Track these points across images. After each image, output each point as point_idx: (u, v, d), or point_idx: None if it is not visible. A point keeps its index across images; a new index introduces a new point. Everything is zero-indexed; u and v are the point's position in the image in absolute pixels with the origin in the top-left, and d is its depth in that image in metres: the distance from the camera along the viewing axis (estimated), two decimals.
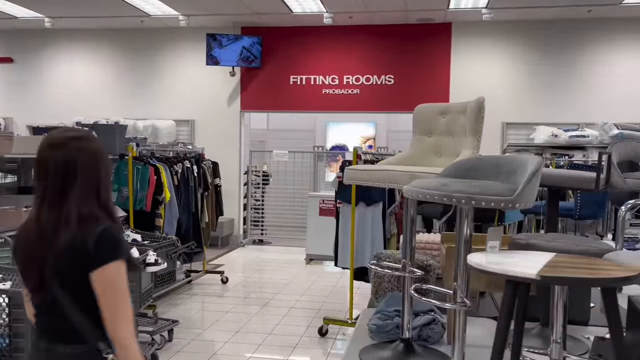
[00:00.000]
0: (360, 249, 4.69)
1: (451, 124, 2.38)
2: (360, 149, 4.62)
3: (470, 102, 2.25)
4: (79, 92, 9.53)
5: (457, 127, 2.32)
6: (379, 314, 2.57)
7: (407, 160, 2.43)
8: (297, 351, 4.31)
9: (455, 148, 2.33)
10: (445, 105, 2.43)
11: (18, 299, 2.73)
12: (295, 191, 9.46)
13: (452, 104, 2.41)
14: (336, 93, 8.97)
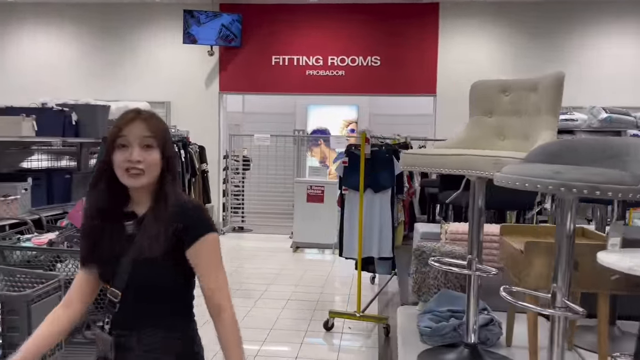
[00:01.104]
0: (367, 238, 4.44)
1: (517, 103, 2.13)
2: (369, 132, 4.33)
3: (545, 77, 2.00)
4: (45, 71, 8.87)
5: (527, 106, 2.08)
6: (430, 315, 2.32)
7: (466, 143, 2.17)
8: (306, 348, 4.04)
9: (523, 129, 2.08)
10: (508, 81, 2.17)
11: (13, 304, 2.35)
12: (278, 177, 9.12)
13: (517, 80, 2.16)
14: (320, 74, 8.65)
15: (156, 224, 1.51)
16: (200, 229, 1.53)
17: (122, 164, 1.49)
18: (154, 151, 1.52)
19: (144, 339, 1.52)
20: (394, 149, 4.53)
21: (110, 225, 1.56)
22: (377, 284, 5.94)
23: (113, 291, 1.52)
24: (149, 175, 1.52)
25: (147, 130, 1.51)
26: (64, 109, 4.37)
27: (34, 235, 3.50)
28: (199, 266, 1.53)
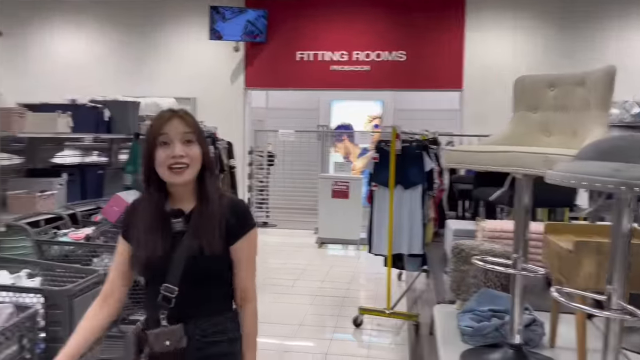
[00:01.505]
0: (397, 234, 4.40)
1: (564, 98, 2.07)
2: (399, 128, 4.29)
3: (594, 72, 1.94)
4: (72, 68, 9.00)
5: (574, 101, 2.02)
6: (471, 314, 2.28)
7: (511, 139, 2.12)
8: (335, 344, 4.04)
9: (570, 125, 2.03)
10: (555, 76, 2.11)
11: (56, 298, 2.38)
12: (302, 172, 9.12)
13: (564, 75, 2.10)
14: (345, 70, 8.61)
15: (210, 220, 1.56)
16: (248, 225, 1.64)
17: (166, 160, 1.53)
18: (195, 145, 1.57)
19: (200, 326, 1.58)
20: (424, 145, 4.48)
21: (157, 223, 1.59)
22: (404, 280, 5.91)
23: (168, 287, 1.55)
24: (192, 169, 1.56)
25: (187, 126, 1.56)
26: (97, 105, 4.42)
27: (71, 230, 3.56)
28: (240, 258, 1.62)
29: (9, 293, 2.43)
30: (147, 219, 1.59)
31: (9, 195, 3.77)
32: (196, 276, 1.57)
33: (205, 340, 1.59)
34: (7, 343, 1.94)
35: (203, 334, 1.58)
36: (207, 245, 1.54)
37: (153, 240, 1.56)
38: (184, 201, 1.62)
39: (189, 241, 1.55)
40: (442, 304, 2.83)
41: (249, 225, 1.63)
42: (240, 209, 1.64)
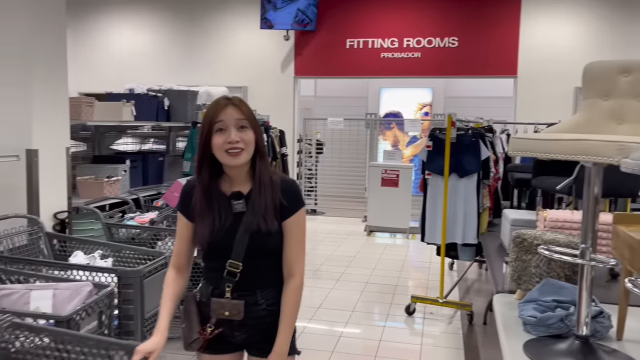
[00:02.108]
0: (451, 223, 4.37)
1: (637, 84, 2.00)
2: (454, 115, 4.24)
3: None
4: (128, 58, 9.30)
5: None
6: (534, 304, 2.26)
7: (580, 127, 2.07)
8: (388, 331, 4.07)
9: None
10: (627, 62, 2.04)
11: (129, 278, 2.51)
12: (350, 160, 9.14)
13: (638, 60, 2.02)
14: (395, 57, 8.53)
15: (266, 200, 1.68)
16: (299, 203, 1.74)
17: (222, 145, 1.64)
18: (249, 131, 1.67)
19: (265, 296, 1.71)
20: (480, 133, 4.41)
21: (218, 205, 1.70)
22: (456, 270, 5.86)
23: (232, 263, 1.68)
24: (248, 152, 1.67)
25: (241, 114, 1.66)
26: (157, 94, 4.57)
27: (137, 214, 3.72)
28: (290, 235, 1.72)
29: (86, 272, 2.58)
30: (207, 199, 1.70)
31: (79, 181, 3.97)
32: (257, 251, 1.69)
33: (269, 309, 1.72)
34: (89, 319, 2.07)
35: (267, 303, 1.72)
36: (265, 224, 1.66)
37: (215, 219, 1.68)
38: (240, 183, 1.72)
39: (249, 220, 1.67)
40: (501, 293, 2.81)
41: (299, 204, 1.73)
42: (291, 188, 1.73)
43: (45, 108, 3.51)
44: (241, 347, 1.81)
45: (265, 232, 1.67)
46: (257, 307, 1.70)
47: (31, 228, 3.12)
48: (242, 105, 1.69)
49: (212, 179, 1.70)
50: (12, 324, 1.70)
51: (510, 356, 2.04)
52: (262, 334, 1.73)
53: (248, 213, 1.68)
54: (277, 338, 1.68)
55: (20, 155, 3.31)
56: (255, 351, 1.77)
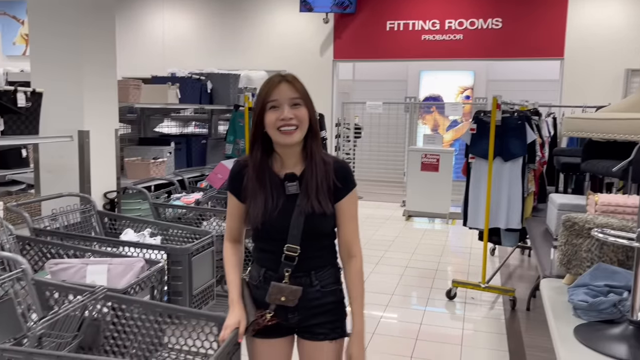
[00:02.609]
0: (494, 208, 4.30)
1: None
2: (500, 98, 4.14)
3: None
4: (171, 43, 9.44)
5: None
6: (585, 289, 2.21)
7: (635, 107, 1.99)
8: (429, 315, 4.06)
9: None
10: None
11: (178, 256, 2.58)
12: (389, 145, 9.07)
13: None
14: (436, 39, 8.37)
15: (320, 181, 1.65)
16: (351, 184, 1.72)
17: (275, 122, 1.61)
18: (302, 108, 1.64)
19: (319, 277, 1.71)
20: (526, 116, 4.30)
21: (270, 186, 1.68)
22: (498, 256, 5.78)
23: (290, 247, 1.65)
24: (301, 131, 1.64)
25: (295, 91, 1.64)
26: (200, 77, 4.64)
27: (182, 194, 3.81)
28: (343, 215, 1.71)
29: (137, 249, 2.66)
30: (260, 179, 1.67)
31: (126, 162, 4.09)
32: (312, 234, 1.67)
33: (325, 290, 1.72)
34: (142, 293, 2.15)
35: (321, 285, 1.71)
36: (319, 206, 1.64)
37: (267, 200, 1.65)
38: (292, 163, 1.69)
39: (303, 203, 1.64)
40: (548, 278, 2.76)
41: (351, 184, 1.71)
42: (344, 169, 1.71)
43: (96, 90, 3.62)
44: (292, 330, 1.78)
45: (320, 215, 1.64)
46: (312, 288, 1.69)
47: (84, 206, 3.24)
48: (295, 82, 1.66)
49: (264, 158, 1.68)
50: (106, 295, 1.77)
51: (560, 341, 2.00)
52: (315, 318, 1.72)
53: (302, 195, 1.65)
54: (354, 319, 1.69)
55: (73, 137, 3.43)
56: (308, 335, 1.75)
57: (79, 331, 1.78)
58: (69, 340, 1.75)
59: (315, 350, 1.74)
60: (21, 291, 1.89)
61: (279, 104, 1.61)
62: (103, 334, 1.79)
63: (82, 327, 1.78)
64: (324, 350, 1.74)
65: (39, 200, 3.30)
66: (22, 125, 3.06)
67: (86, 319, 1.77)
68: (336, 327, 1.75)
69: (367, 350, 3.40)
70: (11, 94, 2.98)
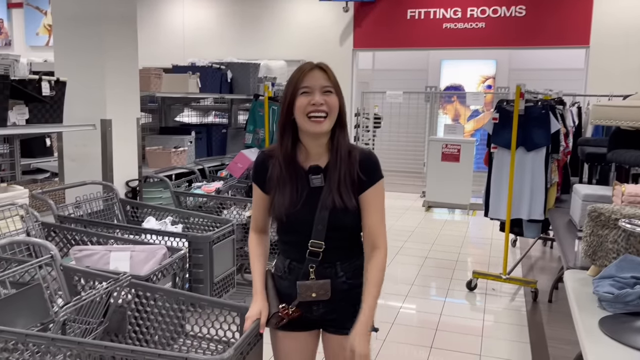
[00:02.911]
0: (517, 199, 4.24)
1: None
2: (524, 86, 4.06)
3: None
4: (191, 32, 9.47)
5: None
6: (611, 281, 2.17)
7: None
8: (449, 306, 4.03)
9: None
10: None
11: (199, 244, 2.60)
12: (409, 135, 8.99)
13: None
14: (458, 27, 8.24)
15: (343, 175, 1.62)
16: (377, 175, 1.67)
17: (305, 107, 1.58)
18: (333, 95, 1.61)
19: (344, 268, 1.68)
20: (550, 105, 4.21)
21: (296, 177, 1.65)
22: (519, 247, 5.71)
23: (315, 242, 1.63)
24: (330, 120, 1.60)
25: (327, 79, 1.62)
26: (220, 67, 4.64)
27: (203, 183, 3.83)
28: (368, 207, 1.66)
29: (159, 237, 2.69)
30: (284, 172, 1.64)
31: (147, 151, 4.13)
32: (337, 228, 1.64)
33: (349, 282, 1.69)
34: (164, 280, 2.17)
35: (346, 276, 1.68)
36: (341, 201, 1.60)
37: (292, 192, 1.63)
38: (317, 155, 1.66)
39: (325, 197, 1.61)
40: (572, 269, 2.71)
41: (377, 176, 1.66)
42: (370, 161, 1.67)
43: (118, 79, 3.65)
44: (317, 325, 1.76)
45: (341, 209, 1.61)
46: (338, 279, 1.66)
47: (106, 194, 3.28)
48: (328, 70, 1.64)
49: (292, 147, 1.65)
50: (131, 283, 1.80)
51: (585, 332, 1.97)
52: (340, 310, 1.69)
53: (325, 189, 1.62)
54: (363, 307, 1.62)
55: (96, 125, 3.46)
56: (333, 328, 1.72)
57: (105, 317, 1.81)
58: (94, 327, 1.78)
59: (341, 344, 1.67)
60: (47, 277, 1.92)
61: (310, 90, 1.59)
62: (128, 320, 1.81)
63: (108, 314, 1.81)
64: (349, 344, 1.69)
65: (63, 188, 3.35)
66: (47, 114, 3.10)
67: (111, 305, 1.80)
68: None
69: (386, 340, 3.40)
70: (36, 83, 3.02)
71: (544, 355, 3.27)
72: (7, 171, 3.72)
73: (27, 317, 1.76)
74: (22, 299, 1.74)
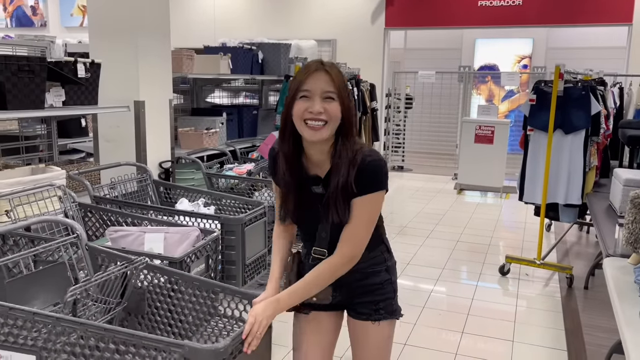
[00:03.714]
0: (553, 182, 4.12)
1: None
2: (563, 66, 3.92)
3: None
4: (221, 12, 9.45)
5: None
6: None
7: None
8: (481, 291, 3.98)
9: None
10: None
11: (232, 225, 2.62)
12: (441, 116, 8.84)
13: None
14: (494, 5, 7.99)
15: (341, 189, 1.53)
16: (373, 186, 1.55)
17: (303, 113, 1.49)
18: (335, 103, 1.50)
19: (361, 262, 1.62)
20: (591, 86, 4.06)
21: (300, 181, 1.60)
22: (553, 232, 5.59)
23: (317, 250, 1.63)
24: (330, 128, 1.51)
25: (330, 84, 1.50)
26: (252, 47, 4.62)
27: (235, 165, 3.85)
28: (354, 214, 1.55)
29: (192, 218, 2.72)
30: (287, 176, 1.60)
31: (180, 132, 4.16)
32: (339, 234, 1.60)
33: (367, 272, 1.68)
34: (197, 262, 2.19)
35: (364, 267, 1.66)
36: (337, 216, 1.55)
37: (297, 196, 1.61)
38: (319, 161, 1.58)
39: (326, 211, 1.56)
40: (612, 257, 2.63)
41: (373, 187, 1.55)
42: (367, 173, 1.53)
43: (151, 61, 3.67)
44: (341, 306, 1.76)
45: (338, 224, 1.57)
46: (353, 271, 1.63)
47: (140, 175, 3.33)
48: (333, 72, 1.51)
49: (294, 151, 1.57)
50: (147, 265, 1.83)
51: (625, 322, 1.91)
52: (357, 297, 1.70)
53: (325, 200, 1.56)
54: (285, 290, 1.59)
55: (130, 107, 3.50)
56: (353, 313, 1.73)
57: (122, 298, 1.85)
58: (112, 307, 1.83)
59: (361, 329, 1.71)
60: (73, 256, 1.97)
61: (310, 94, 1.48)
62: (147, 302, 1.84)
63: (125, 294, 1.85)
64: (369, 332, 1.71)
65: (99, 169, 3.41)
66: (82, 95, 3.15)
67: (128, 286, 1.83)
68: (379, 308, 1.69)
69: (417, 324, 3.38)
70: (72, 65, 3.06)
71: (579, 342, 3.20)
72: (45, 152, 3.81)
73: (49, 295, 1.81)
74: (46, 276, 1.79)
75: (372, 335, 1.71)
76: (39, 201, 2.45)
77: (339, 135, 1.53)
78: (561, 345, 3.17)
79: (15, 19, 11.08)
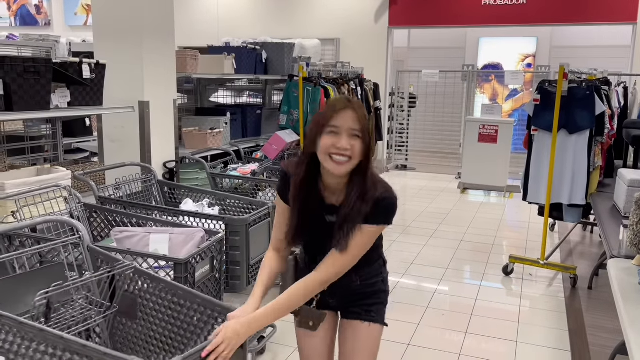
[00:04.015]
0: (557, 182, 4.12)
1: None
2: (567, 66, 3.91)
3: None
4: (225, 11, 9.46)
5: None
6: None
7: None
8: (484, 291, 3.99)
9: None
10: None
11: (236, 226, 2.63)
12: (445, 115, 8.83)
13: None
14: (498, 4, 7.98)
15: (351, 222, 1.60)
16: (377, 220, 1.62)
17: (329, 148, 1.55)
18: (359, 141, 1.56)
19: (359, 273, 1.74)
20: (595, 85, 4.05)
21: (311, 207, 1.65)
22: (557, 232, 5.58)
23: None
24: (353, 163, 1.57)
25: (356, 122, 1.56)
26: (256, 47, 4.62)
27: (239, 165, 3.86)
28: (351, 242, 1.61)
29: (196, 219, 2.73)
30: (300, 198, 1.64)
31: (184, 132, 4.17)
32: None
33: (365, 283, 1.77)
34: (202, 263, 2.20)
35: (361, 280, 1.76)
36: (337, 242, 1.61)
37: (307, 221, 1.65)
38: (336, 190, 1.64)
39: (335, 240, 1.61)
40: (616, 258, 2.63)
41: (378, 220, 1.61)
42: (381, 207, 1.60)
43: (155, 61, 3.68)
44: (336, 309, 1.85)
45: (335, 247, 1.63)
46: (352, 283, 1.74)
47: (145, 176, 3.34)
48: (360, 111, 1.58)
49: (308, 177, 1.63)
50: (136, 270, 1.84)
51: (629, 323, 1.91)
52: (353, 301, 1.78)
53: (335, 229, 1.62)
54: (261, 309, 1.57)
55: (134, 107, 3.51)
56: (345, 313, 1.81)
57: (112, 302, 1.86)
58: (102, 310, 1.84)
59: (348, 328, 1.78)
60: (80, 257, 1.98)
61: (338, 130, 1.55)
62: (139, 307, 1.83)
63: (115, 298, 1.86)
64: (356, 330, 1.77)
65: (104, 169, 3.42)
66: (87, 96, 3.16)
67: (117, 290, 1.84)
68: (370, 310, 1.77)
69: (420, 324, 3.39)
70: (77, 66, 3.07)
71: (583, 343, 3.20)
72: (50, 152, 3.83)
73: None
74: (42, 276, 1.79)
75: (361, 336, 1.77)
76: (45, 202, 2.47)
77: (357, 169, 1.59)
78: (565, 345, 3.17)
79: (20, 18, 11.12)
